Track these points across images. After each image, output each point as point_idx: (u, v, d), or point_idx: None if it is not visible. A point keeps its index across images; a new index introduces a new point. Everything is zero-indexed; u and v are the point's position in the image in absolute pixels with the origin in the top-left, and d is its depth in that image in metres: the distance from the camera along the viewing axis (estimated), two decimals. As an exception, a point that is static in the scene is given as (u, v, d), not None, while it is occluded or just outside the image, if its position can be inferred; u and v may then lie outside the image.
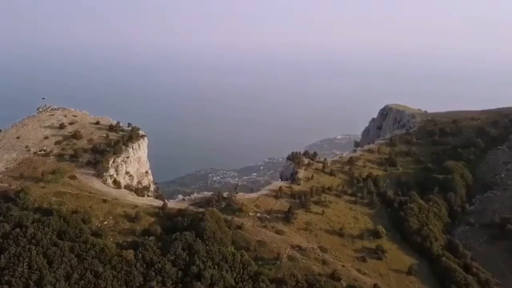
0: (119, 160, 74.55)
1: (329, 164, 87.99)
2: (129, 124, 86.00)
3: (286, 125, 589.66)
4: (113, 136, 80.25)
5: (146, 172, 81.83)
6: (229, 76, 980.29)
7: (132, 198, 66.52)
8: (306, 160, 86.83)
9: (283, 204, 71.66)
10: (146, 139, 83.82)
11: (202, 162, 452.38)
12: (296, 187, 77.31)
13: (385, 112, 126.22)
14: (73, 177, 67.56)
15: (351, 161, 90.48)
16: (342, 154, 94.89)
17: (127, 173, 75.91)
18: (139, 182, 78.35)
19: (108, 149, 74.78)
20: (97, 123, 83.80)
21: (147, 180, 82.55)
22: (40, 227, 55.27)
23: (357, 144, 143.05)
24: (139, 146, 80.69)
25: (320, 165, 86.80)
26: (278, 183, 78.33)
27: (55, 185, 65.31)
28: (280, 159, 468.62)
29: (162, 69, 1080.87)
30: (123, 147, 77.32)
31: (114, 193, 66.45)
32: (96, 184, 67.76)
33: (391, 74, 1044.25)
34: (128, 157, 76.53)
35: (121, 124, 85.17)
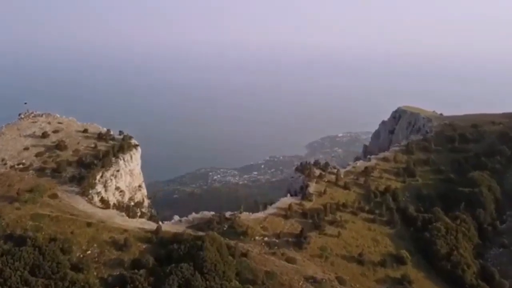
0: (108, 174, 65.43)
1: (342, 176, 78.83)
2: (120, 132, 76.71)
3: (287, 123, 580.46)
4: (102, 146, 71.09)
5: (140, 186, 72.69)
6: (230, 75, 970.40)
7: (121, 220, 57.44)
8: (317, 172, 77.66)
9: (293, 225, 62.62)
10: (139, 149, 74.56)
11: (202, 160, 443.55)
12: (307, 204, 68.23)
13: (397, 115, 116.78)
14: (54, 196, 58.51)
15: (366, 171, 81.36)
16: (356, 164, 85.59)
17: (117, 188, 66.82)
18: (131, 198, 69.26)
19: (95, 161, 65.68)
20: (85, 131, 74.55)
21: (141, 195, 73.44)
22: (10, 261, 46.29)
23: (366, 148, 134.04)
24: (131, 157, 71.52)
25: (333, 177, 77.64)
26: (287, 200, 69.19)
27: (32, 206, 56.31)
28: (281, 158, 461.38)
29: (163, 68, 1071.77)
30: (113, 159, 68.20)
31: (101, 214, 57.39)
32: (80, 203, 58.70)
33: (393, 73, 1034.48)
34: (118, 171, 67.41)
35: (111, 132, 75.85)
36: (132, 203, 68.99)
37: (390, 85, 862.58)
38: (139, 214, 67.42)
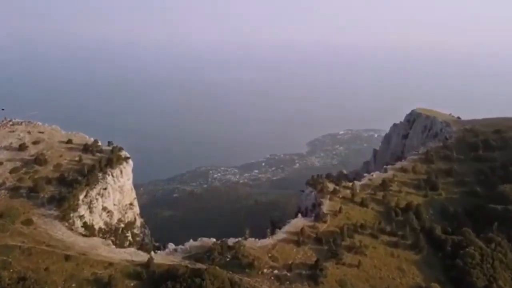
0: (93, 193, 56.34)
1: (358, 190, 69.72)
2: (109, 143, 67.48)
3: (287, 120, 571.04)
4: (88, 159, 61.94)
5: (131, 204, 63.58)
6: (230, 72, 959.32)
7: (106, 251, 48.44)
8: (330, 186, 68.50)
9: (307, 253, 53.57)
10: (130, 162, 65.37)
11: (202, 158, 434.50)
12: (321, 226, 59.19)
13: (412, 118, 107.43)
14: (28, 222, 49.53)
15: (383, 185, 72.23)
16: (372, 175, 76.41)
17: (104, 209, 57.75)
18: (120, 220, 60.15)
19: (79, 178, 56.58)
20: (69, 141, 65.24)
21: (132, 214, 64.35)
22: (-35, 312, 37.54)
23: (376, 152, 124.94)
24: (121, 172, 62.34)
25: (348, 192, 68.52)
26: (298, 222, 59.95)
27: (1, 235, 47.36)
28: (282, 156, 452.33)
29: (164, 65, 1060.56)
30: (100, 174, 59.06)
31: (82, 244, 48.42)
32: (59, 231, 49.70)
33: (395, 70, 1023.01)
34: (106, 188, 58.28)
35: (99, 143, 66.56)
36: (122, 225, 59.92)
37: (391, 82, 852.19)
38: (129, 237, 58.41)
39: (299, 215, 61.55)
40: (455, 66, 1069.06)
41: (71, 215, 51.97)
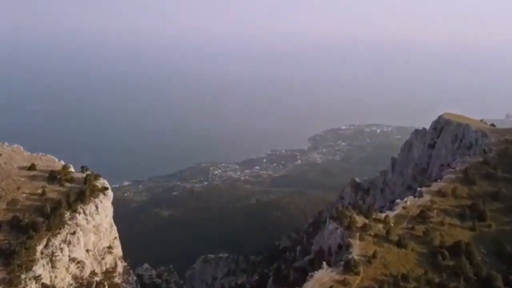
0: (57, 241, 42.10)
1: (392, 223, 55.55)
2: (82, 168, 52.83)
3: (288, 115, 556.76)
4: (53, 192, 47.51)
5: (110, 247, 49.10)
6: (231, 65, 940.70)
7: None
8: (359, 221, 54.22)
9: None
10: (109, 193, 50.77)
11: (203, 154, 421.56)
12: (354, 280, 45.09)
13: (439, 126, 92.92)
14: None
15: (422, 215, 58.02)
16: (406, 202, 62.02)
17: (72, 260, 43.52)
18: (93, 273, 45.71)
19: (39, 220, 42.33)
20: (32, 167, 50.57)
21: (112, 259, 50.03)
22: None
23: (394, 161, 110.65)
24: (96, 207, 47.92)
25: (381, 227, 54.34)
26: (324, 276, 45.65)
27: None
28: (283, 151, 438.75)
29: (163, 58, 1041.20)
30: (68, 214, 44.69)
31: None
32: (3, 304, 35.66)
33: (397, 62, 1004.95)
34: (74, 233, 43.91)
35: (71, 168, 51.92)
36: (97, 278, 45.61)
37: (392, 76, 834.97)
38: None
39: (324, 264, 47.08)
40: (457, 58, 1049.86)
41: (23, 277, 37.74)
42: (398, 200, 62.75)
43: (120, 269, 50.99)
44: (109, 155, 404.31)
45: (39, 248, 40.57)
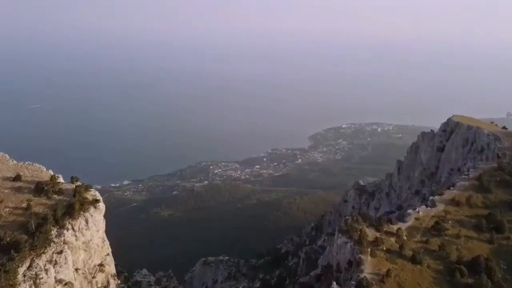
0: (41, 261, 38.06)
1: (405, 237, 51.57)
2: (72, 179, 48.76)
3: (289, 113, 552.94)
4: (40, 205, 43.41)
5: (101, 265, 45.08)
6: (231, 64, 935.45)
7: None
8: (370, 234, 50.23)
9: None
10: (101, 205, 46.74)
11: (203, 152, 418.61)
12: (367, 302, 41.18)
13: (449, 128, 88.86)
14: None
15: (437, 227, 54.05)
16: (418, 212, 58.03)
17: (59, 282, 39.41)
18: (83, 295, 41.71)
19: (24, 237, 38.31)
20: (17, 178, 46.46)
21: (104, 277, 45.96)
22: None
23: (400, 164, 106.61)
24: (86, 222, 43.86)
25: (393, 240, 50.37)
26: (335, 298, 41.78)
27: None
28: (283, 150, 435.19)
29: (163, 56, 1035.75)
30: (55, 230, 40.66)
31: None
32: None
33: (397, 61, 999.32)
34: (61, 252, 39.87)
35: (60, 179, 47.85)
36: (86, 300, 41.59)
37: (392, 75, 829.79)
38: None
39: (334, 285, 43.08)
40: (457, 57, 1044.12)
41: (1, 305, 33.68)
42: (410, 211, 58.65)
43: (113, 287, 46.98)
44: (110, 154, 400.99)
45: (21, 270, 36.48)
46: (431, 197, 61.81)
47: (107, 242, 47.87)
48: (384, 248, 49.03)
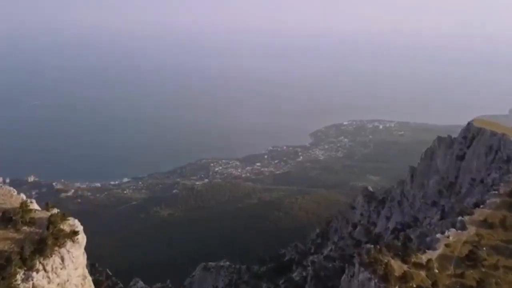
0: (1, 317, 30.24)
1: (437, 269, 43.92)
2: (47, 206, 40.85)
3: (289, 110, 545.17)
4: (6, 241, 35.50)
5: (80, 308, 37.27)
6: (230, 60, 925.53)
7: None
8: (396, 267, 42.52)
9: None
10: (80, 238, 38.69)
11: (203, 149, 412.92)
12: None
13: (469, 135, 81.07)
14: None
15: (472, 257, 46.35)
16: (448, 236, 50.33)
17: None
18: None
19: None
20: (-19, 205, 38.57)
21: (84, 322, 38.16)
22: None
23: (413, 171, 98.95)
24: (62, 259, 36.01)
25: (423, 274, 42.72)
26: None
27: None
28: (284, 148, 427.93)
29: (163, 52, 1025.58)
30: (22, 273, 32.97)
31: None
32: None
33: (398, 57, 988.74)
34: (27, 302, 32.06)
35: (33, 206, 39.90)
36: None
37: (393, 71, 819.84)
38: None
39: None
40: (458, 53, 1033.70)
41: None
42: (438, 235, 50.88)
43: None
44: (110, 151, 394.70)
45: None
46: (459, 218, 54.05)
47: (88, 279, 40.04)
48: (414, 286, 41.38)
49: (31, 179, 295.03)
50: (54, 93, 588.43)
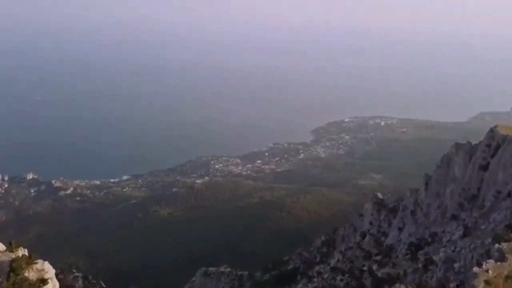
0: None
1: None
2: (10, 245, 32.80)
3: (290, 106, 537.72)
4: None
5: None
6: (231, 55, 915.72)
7: None
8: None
9: None
10: (52, 286, 30.72)
11: (203, 146, 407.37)
12: None
13: (494, 143, 73.24)
14: None
15: (518, 298, 38.81)
16: (487, 271, 42.27)
17: None
18: None
19: None
20: None
21: None
22: None
23: (429, 179, 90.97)
24: (26, 317, 27.99)
25: (465, 323, 35.32)
26: None
27: None
28: (285, 145, 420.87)
29: (163, 47, 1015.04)
30: None
31: None
32: None
33: (399, 53, 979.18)
34: None
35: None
36: None
37: (394, 67, 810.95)
38: None
39: None
40: (459, 49, 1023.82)
41: None
42: (475, 269, 43.03)
43: None
44: (109, 148, 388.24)
45: None
46: (497, 245, 46.22)
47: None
48: None
49: (29, 176, 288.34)
50: (55, 88, 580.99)
